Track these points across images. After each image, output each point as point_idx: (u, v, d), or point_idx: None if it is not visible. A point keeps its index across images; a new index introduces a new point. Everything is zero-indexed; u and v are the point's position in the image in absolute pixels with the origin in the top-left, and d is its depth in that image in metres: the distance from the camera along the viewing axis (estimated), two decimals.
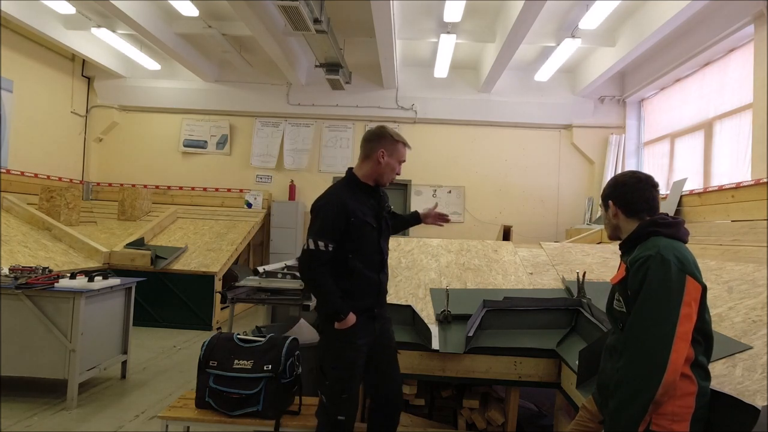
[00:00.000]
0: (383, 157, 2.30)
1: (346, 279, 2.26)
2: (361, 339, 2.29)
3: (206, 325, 6.32)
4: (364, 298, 2.30)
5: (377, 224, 2.33)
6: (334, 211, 2.21)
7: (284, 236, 8.25)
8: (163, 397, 3.89)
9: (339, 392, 2.24)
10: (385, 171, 2.33)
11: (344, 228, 2.21)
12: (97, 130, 8.94)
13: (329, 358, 2.30)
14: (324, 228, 2.20)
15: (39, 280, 3.60)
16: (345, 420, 2.23)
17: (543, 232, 8.46)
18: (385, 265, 2.42)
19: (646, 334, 1.49)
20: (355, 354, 2.27)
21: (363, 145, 2.36)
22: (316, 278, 2.22)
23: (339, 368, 2.26)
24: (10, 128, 7.19)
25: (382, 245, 2.37)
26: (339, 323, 2.22)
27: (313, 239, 2.19)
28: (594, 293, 3.18)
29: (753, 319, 2.32)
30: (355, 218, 2.22)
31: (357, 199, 2.28)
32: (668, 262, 1.51)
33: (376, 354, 2.37)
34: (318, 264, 2.20)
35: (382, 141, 2.31)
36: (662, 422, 1.49)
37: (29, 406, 3.53)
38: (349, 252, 2.24)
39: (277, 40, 6.74)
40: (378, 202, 2.37)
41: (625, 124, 8.54)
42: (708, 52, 6.18)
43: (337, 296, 2.23)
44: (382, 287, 2.39)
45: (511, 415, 3.04)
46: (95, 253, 6.26)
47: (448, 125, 8.77)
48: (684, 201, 5.59)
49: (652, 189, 1.74)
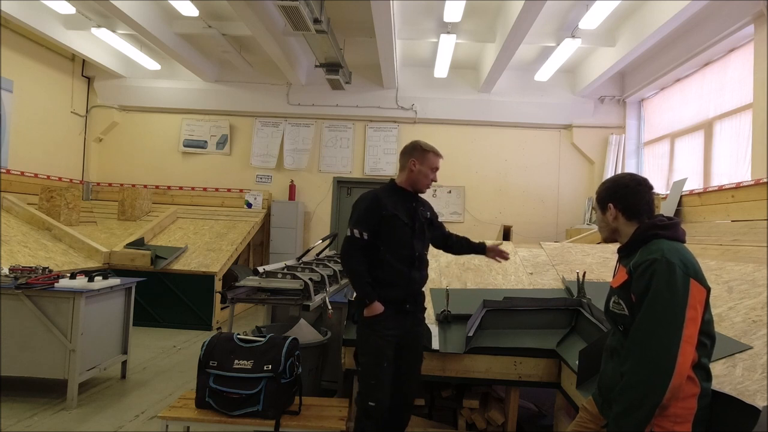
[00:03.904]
0: (415, 166, 2.59)
1: (377, 268, 2.50)
2: (389, 330, 2.48)
3: (206, 325, 6.32)
4: (393, 289, 2.50)
5: (410, 222, 2.55)
6: (368, 203, 2.53)
7: (284, 236, 8.25)
8: (163, 397, 3.89)
9: (368, 378, 2.47)
10: (418, 178, 2.60)
11: (378, 219, 2.49)
12: (97, 130, 8.94)
13: (360, 345, 2.55)
14: (360, 218, 2.51)
15: (39, 280, 3.60)
16: (375, 406, 2.42)
17: (543, 232, 8.46)
18: (421, 265, 2.60)
19: (653, 338, 1.48)
20: (382, 343, 2.47)
21: (400, 158, 2.69)
22: (352, 262, 2.50)
23: (368, 355, 2.49)
24: (10, 128, 7.19)
25: (414, 243, 2.56)
26: (367, 310, 2.44)
27: (351, 227, 2.52)
28: (594, 293, 3.18)
29: (753, 319, 2.33)
30: (386, 211, 2.50)
31: (392, 198, 2.57)
32: (673, 265, 1.50)
33: (401, 352, 2.54)
34: (354, 249, 2.50)
35: (414, 152, 2.61)
36: (665, 424, 1.49)
37: (29, 406, 3.53)
38: (382, 243, 2.50)
39: (277, 40, 6.74)
40: (414, 205, 2.62)
41: (625, 124, 8.54)
42: (708, 52, 6.18)
43: (366, 281, 2.47)
44: (413, 283, 2.57)
45: (511, 415, 3.04)
46: (95, 253, 6.26)
47: (448, 125, 8.77)
48: (684, 201, 5.59)
49: (650, 191, 1.73)
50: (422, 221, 2.62)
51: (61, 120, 8.29)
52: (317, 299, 3.47)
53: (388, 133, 8.82)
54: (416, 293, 2.63)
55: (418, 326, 2.65)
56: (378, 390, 2.44)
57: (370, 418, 2.43)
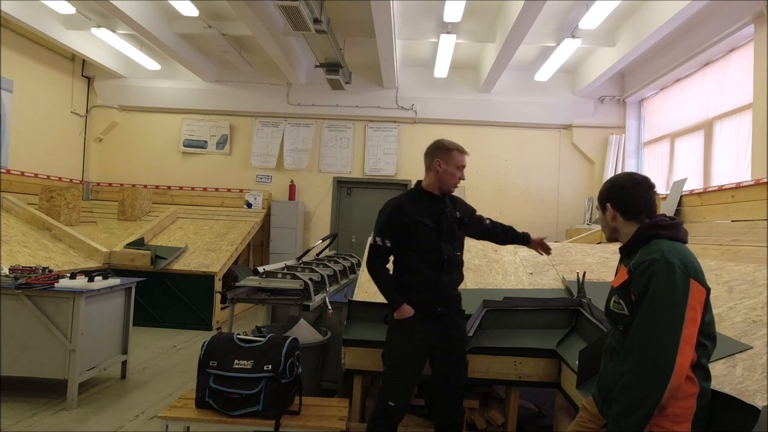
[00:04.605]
0: (440, 166, 2.54)
1: (405, 272, 2.54)
2: (417, 334, 2.48)
3: (206, 325, 6.32)
4: (420, 293, 2.50)
5: (436, 226, 2.52)
6: (390, 211, 2.53)
7: (284, 236, 8.25)
8: (163, 397, 3.89)
9: (391, 379, 2.50)
10: (445, 177, 2.55)
11: (399, 227, 2.49)
12: (97, 130, 8.94)
13: (387, 346, 2.57)
14: (382, 226, 2.53)
15: (39, 280, 3.60)
16: (394, 407, 2.45)
17: (543, 232, 8.38)
18: (450, 267, 2.56)
19: (652, 338, 1.48)
20: (409, 347, 2.48)
21: (424, 159, 2.62)
22: (375, 269, 2.54)
23: (393, 357, 2.52)
24: (10, 128, 7.19)
25: (441, 246, 2.52)
26: (396, 313, 2.48)
27: (374, 235, 2.55)
28: (594, 293, 3.18)
29: (753, 319, 2.32)
30: (409, 218, 2.48)
31: (415, 204, 2.54)
32: (673, 265, 1.49)
33: (437, 356, 2.56)
34: (376, 257, 2.54)
35: (437, 152, 2.56)
36: (664, 424, 1.49)
37: (29, 406, 3.53)
38: (407, 249, 2.51)
39: (277, 40, 6.74)
40: (440, 207, 2.57)
41: (625, 124, 8.54)
42: (708, 52, 6.17)
43: (390, 286, 2.52)
44: (442, 286, 2.53)
45: (511, 415, 3.04)
46: (95, 253, 6.26)
47: (448, 125, 8.77)
48: (684, 201, 5.59)
49: (649, 191, 1.72)
50: (450, 222, 2.57)
51: (61, 120, 8.29)
52: (317, 299, 3.47)
53: (388, 133, 8.82)
54: (447, 296, 2.58)
55: (453, 330, 2.57)
56: (399, 392, 2.48)
57: (388, 417, 2.46)
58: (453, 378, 2.58)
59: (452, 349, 2.58)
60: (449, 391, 2.59)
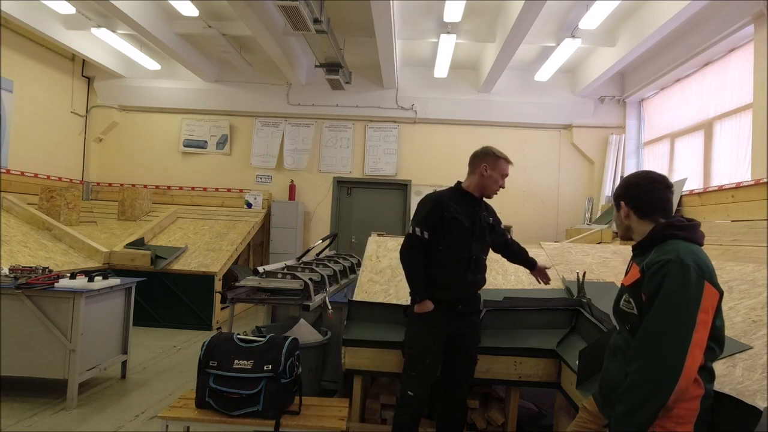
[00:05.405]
0: (486, 171, 2.65)
1: (433, 267, 2.58)
2: (436, 328, 2.56)
3: (206, 325, 6.32)
4: (446, 289, 2.57)
5: (470, 226, 2.61)
6: (432, 204, 2.61)
7: (284, 236, 8.25)
8: (163, 397, 3.89)
9: (410, 370, 2.60)
10: (488, 183, 2.67)
11: (438, 220, 2.56)
12: (97, 130, 8.93)
13: (408, 338, 2.66)
14: (423, 218, 2.59)
15: (39, 280, 3.60)
16: (413, 396, 2.56)
17: (543, 232, 8.46)
18: (477, 268, 2.65)
19: (662, 339, 1.46)
20: (428, 340, 2.57)
21: (470, 162, 2.73)
22: (409, 258, 2.59)
23: (413, 349, 2.61)
24: (10, 128, 7.18)
25: (472, 246, 2.61)
26: (417, 306, 2.54)
27: (413, 226, 2.60)
28: (594, 293, 3.18)
29: (753, 319, 2.32)
30: (448, 213, 2.56)
31: (455, 201, 2.63)
32: (688, 267, 1.47)
33: (449, 352, 2.62)
34: (413, 246, 2.59)
35: (486, 157, 2.66)
36: (667, 425, 1.47)
37: (29, 406, 3.53)
38: (440, 244, 2.57)
39: (277, 40, 6.73)
40: (476, 209, 2.67)
41: (625, 124, 8.54)
42: (708, 52, 6.17)
43: (419, 278, 2.56)
44: (467, 284, 2.62)
45: (511, 415, 3.04)
46: (95, 253, 6.26)
47: (448, 125, 8.77)
48: (684, 201, 5.59)
49: (665, 190, 1.70)
50: (483, 225, 2.68)
51: (61, 120, 8.29)
52: (317, 299, 3.47)
53: (388, 133, 8.81)
54: (470, 295, 2.68)
55: (469, 328, 2.67)
56: (418, 382, 2.57)
57: (408, 407, 2.57)
58: (460, 376, 2.66)
59: (465, 347, 2.66)
60: (455, 390, 2.65)
